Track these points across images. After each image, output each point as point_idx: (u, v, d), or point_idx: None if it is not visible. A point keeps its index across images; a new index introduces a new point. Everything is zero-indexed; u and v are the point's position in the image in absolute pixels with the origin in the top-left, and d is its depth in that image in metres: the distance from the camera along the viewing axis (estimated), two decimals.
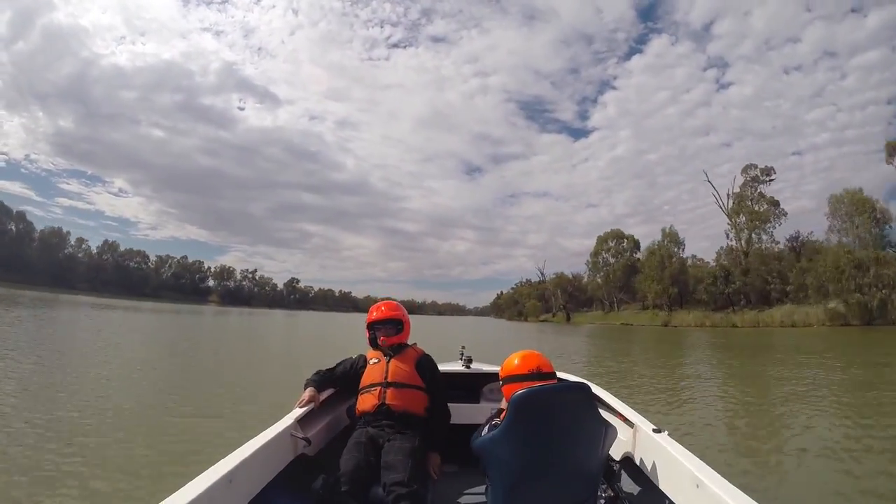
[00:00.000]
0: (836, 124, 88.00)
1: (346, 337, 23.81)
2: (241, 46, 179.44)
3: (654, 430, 2.13)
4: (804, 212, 72.71)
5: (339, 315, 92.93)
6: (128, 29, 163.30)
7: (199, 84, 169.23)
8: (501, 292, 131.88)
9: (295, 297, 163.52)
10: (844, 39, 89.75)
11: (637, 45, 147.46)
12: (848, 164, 78.79)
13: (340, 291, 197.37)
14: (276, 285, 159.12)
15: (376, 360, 2.66)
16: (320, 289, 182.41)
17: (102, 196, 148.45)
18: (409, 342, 2.80)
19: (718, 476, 1.63)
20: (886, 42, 76.10)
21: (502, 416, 1.87)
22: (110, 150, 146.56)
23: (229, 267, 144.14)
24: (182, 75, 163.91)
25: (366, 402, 2.53)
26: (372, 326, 2.74)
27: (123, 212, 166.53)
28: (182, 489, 1.44)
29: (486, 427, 1.94)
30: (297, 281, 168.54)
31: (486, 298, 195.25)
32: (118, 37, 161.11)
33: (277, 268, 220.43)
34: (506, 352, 2.20)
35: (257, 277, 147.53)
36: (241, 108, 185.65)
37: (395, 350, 2.69)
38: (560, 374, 2.32)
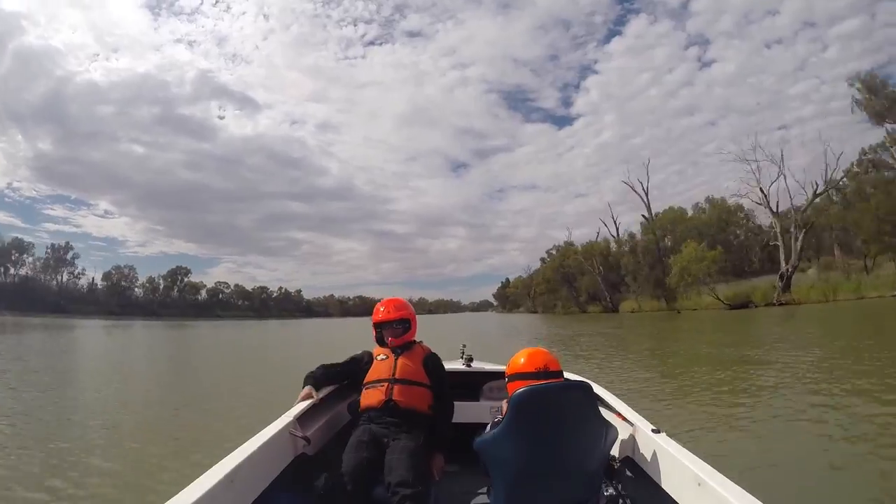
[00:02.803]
0: (820, 96, 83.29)
1: None
2: (215, 55, 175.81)
3: (654, 431, 2.12)
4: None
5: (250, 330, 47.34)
6: (100, 46, 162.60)
7: (176, 95, 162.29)
8: (508, 279, 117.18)
9: (185, 298, 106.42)
10: (823, 9, 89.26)
11: (615, 27, 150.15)
12: (834, 135, 68.61)
13: (282, 289, 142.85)
14: (131, 279, 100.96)
15: (384, 357, 2.62)
16: (237, 285, 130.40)
17: (88, 219, 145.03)
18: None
19: (720, 475, 1.62)
20: (865, 9, 70.48)
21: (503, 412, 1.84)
22: (91, 170, 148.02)
23: (24, 241, 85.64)
24: (158, 87, 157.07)
25: (371, 397, 2.47)
26: (379, 325, 2.72)
27: (111, 232, 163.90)
28: (183, 491, 1.43)
29: (489, 424, 1.92)
30: (187, 272, 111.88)
31: (479, 294, 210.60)
32: (91, 54, 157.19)
33: (268, 276, 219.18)
34: None
35: (76, 263, 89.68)
36: (221, 118, 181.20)
37: (403, 348, 2.65)
38: (565, 374, 2.22)
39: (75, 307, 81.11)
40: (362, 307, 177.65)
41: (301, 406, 2.41)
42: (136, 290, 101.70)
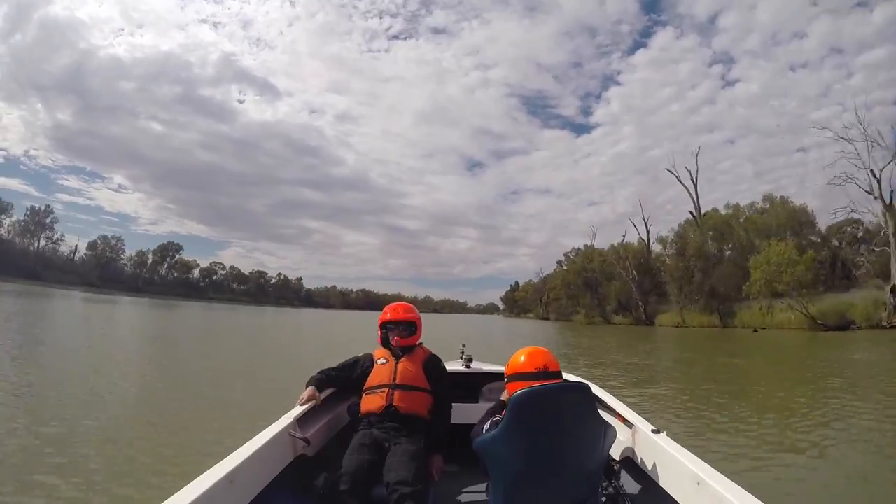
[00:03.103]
0: (841, 123, 57.81)
1: None
2: (239, 38, 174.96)
3: (653, 431, 2.12)
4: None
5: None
6: (125, 21, 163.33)
7: (198, 76, 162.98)
8: (517, 283, 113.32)
9: (175, 276, 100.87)
10: (851, 35, 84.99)
11: (641, 39, 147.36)
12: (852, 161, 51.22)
13: (281, 275, 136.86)
14: (118, 251, 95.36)
15: (384, 360, 2.61)
16: (233, 268, 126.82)
17: (102, 192, 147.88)
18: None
19: (719, 474, 1.63)
20: (893, 39, 65.89)
21: (503, 413, 1.84)
22: (109, 144, 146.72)
23: (2, 201, 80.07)
24: (180, 67, 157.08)
25: (372, 402, 2.47)
26: (385, 326, 2.70)
27: (123, 207, 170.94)
28: (183, 490, 1.44)
29: (489, 423, 1.91)
30: (179, 249, 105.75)
31: (486, 297, 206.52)
32: (116, 29, 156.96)
33: (277, 263, 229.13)
34: None
35: (55, 228, 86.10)
36: (241, 101, 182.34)
37: (405, 350, 2.64)
38: (564, 375, 2.23)
39: (52, 275, 75.54)
40: (365, 301, 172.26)
41: (301, 407, 2.41)
42: (123, 263, 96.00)
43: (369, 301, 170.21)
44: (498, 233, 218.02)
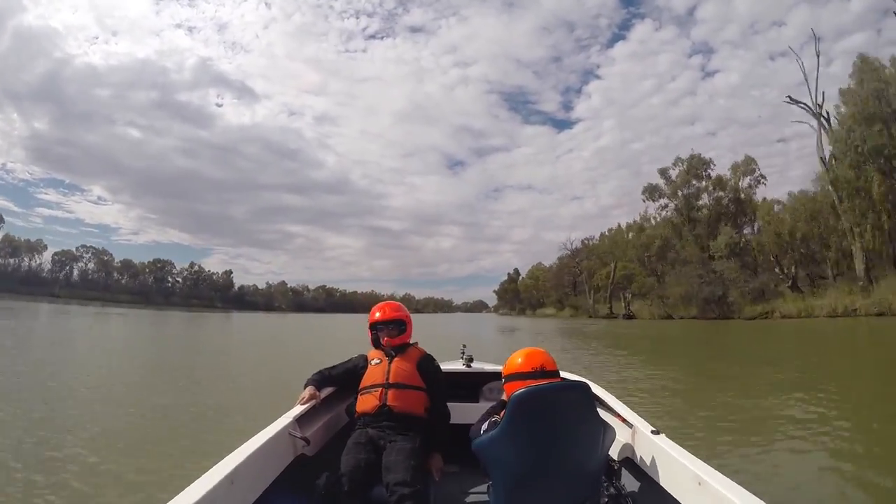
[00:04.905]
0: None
1: None
2: (215, 42, 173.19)
3: (653, 432, 2.11)
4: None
5: None
6: (100, 28, 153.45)
7: (175, 81, 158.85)
8: (517, 271, 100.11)
9: None
10: (829, 22, 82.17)
11: (620, 32, 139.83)
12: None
13: (194, 266, 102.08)
14: None
15: (378, 361, 2.62)
16: (103, 250, 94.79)
17: (82, 204, 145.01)
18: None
19: (720, 474, 1.63)
20: (871, 25, 74.81)
21: (502, 413, 1.85)
22: (86, 153, 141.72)
23: None
24: (157, 72, 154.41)
25: (366, 402, 2.49)
26: (374, 327, 2.72)
27: (103, 219, 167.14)
28: (184, 491, 1.44)
29: (487, 423, 1.91)
30: None
31: (472, 295, 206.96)
32: (91, 36, 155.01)
33: (262, 269, 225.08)
34: None
35: None
36: (219, 105, 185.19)
37: (398, 350, 2.65)
38: (562, 374, 2.21)
39: None
40: (327, 302, 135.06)
41: (301, 407, 2.40)
42: None
43: (332, 302, 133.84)
44: (481, 230, 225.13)
